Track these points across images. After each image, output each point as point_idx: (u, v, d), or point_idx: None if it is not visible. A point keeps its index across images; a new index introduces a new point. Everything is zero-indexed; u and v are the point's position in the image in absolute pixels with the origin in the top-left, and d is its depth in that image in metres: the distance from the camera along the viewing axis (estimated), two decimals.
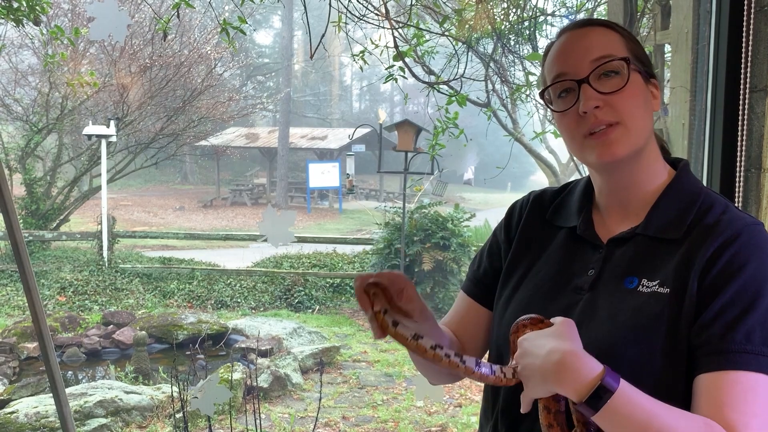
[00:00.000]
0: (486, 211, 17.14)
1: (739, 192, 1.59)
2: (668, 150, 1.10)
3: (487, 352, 1.15)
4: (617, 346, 0.91)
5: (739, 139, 1.58)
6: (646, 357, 0.90)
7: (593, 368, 0.82)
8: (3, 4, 4.47)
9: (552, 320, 0.91)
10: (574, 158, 1.03)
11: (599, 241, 1.02)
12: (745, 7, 1.55)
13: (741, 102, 1.57)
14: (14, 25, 4.85)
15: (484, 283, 1.15)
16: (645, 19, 2.72)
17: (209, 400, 2.65)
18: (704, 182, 1.70)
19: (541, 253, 1.08)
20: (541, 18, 5.97)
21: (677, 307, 0.90)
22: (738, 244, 0.90)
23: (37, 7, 4.47)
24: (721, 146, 1.63)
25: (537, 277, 1.06)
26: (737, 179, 1.59)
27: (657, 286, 0.92)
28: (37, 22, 4.81)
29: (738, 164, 1.59)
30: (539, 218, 1.12)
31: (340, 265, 10.08)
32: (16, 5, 4.47)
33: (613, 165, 0.98)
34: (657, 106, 1.02)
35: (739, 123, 1.58)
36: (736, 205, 1.57)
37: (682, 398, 0.88)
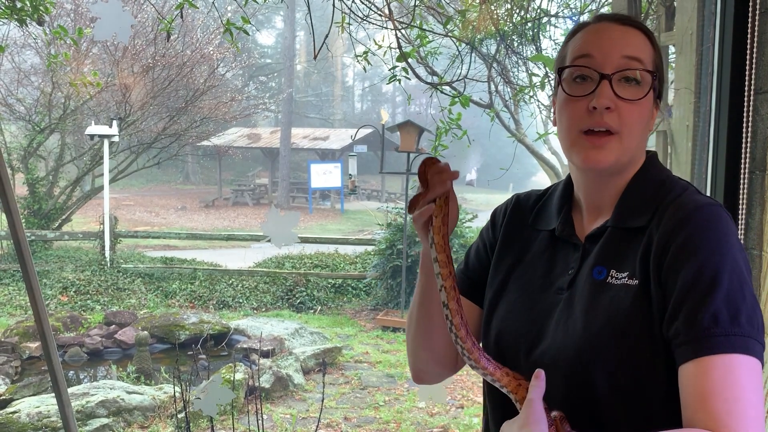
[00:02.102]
0: (488, 212, 16.97)
1: (743, 194, 1.58)
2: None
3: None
4: (593, 343, 0.91)
5: (743, 140, 1.58)
6: (623, 352, 0.89)
7: None
8: (6, 3, 4.48)
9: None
10: None
11: (578, 240, 1.02)
12: (750, 9, 1.55)
13: (745, 104, 1.57)
14: (17, 24, 4.86)
15: (474, 280, 1.15)
16: (649, 20, 2.72)
17: (212, 400, 2.64)
18: (708, 184, 1.70)
19: (523, 256, 1.08)
20: (545, 19, 5.96)
21: (646, 299, 0.89)
22: (690, 226, 0.88)
23: (40, 7, 4.47)
24: (725, 148, 1.63)
25: (521, 281, 1.06)
26: (741, 181, 1.59)
27: (626, 278, 0.92)
28: (40, 22, 4.82)
29: (742, 166, 1.58)
30: (521, 222, 1.12)
31: (342, 265, 10.07)
32: (19, 5, 4.47)
33: (594, 171, 0.99)
34: (651, 127, 1.02)
35: (744, 125, 1.58)
36: (740, 206, 1.57)
37: (665, 392, 0.88)
